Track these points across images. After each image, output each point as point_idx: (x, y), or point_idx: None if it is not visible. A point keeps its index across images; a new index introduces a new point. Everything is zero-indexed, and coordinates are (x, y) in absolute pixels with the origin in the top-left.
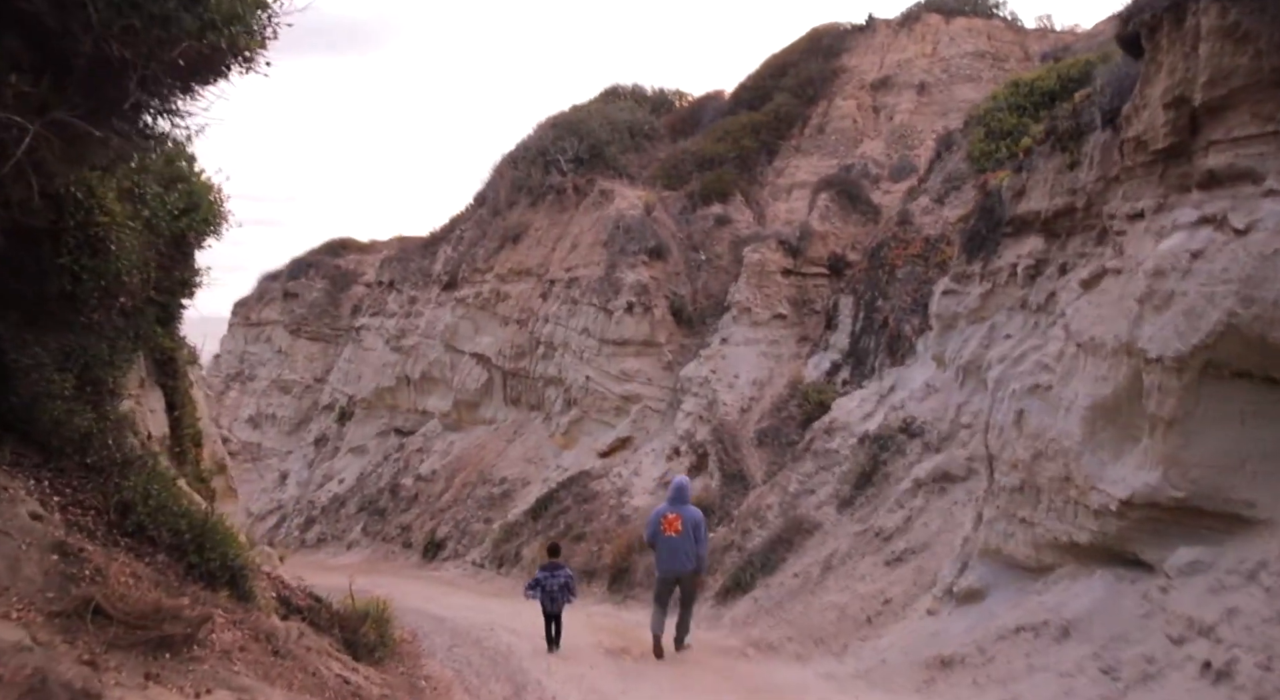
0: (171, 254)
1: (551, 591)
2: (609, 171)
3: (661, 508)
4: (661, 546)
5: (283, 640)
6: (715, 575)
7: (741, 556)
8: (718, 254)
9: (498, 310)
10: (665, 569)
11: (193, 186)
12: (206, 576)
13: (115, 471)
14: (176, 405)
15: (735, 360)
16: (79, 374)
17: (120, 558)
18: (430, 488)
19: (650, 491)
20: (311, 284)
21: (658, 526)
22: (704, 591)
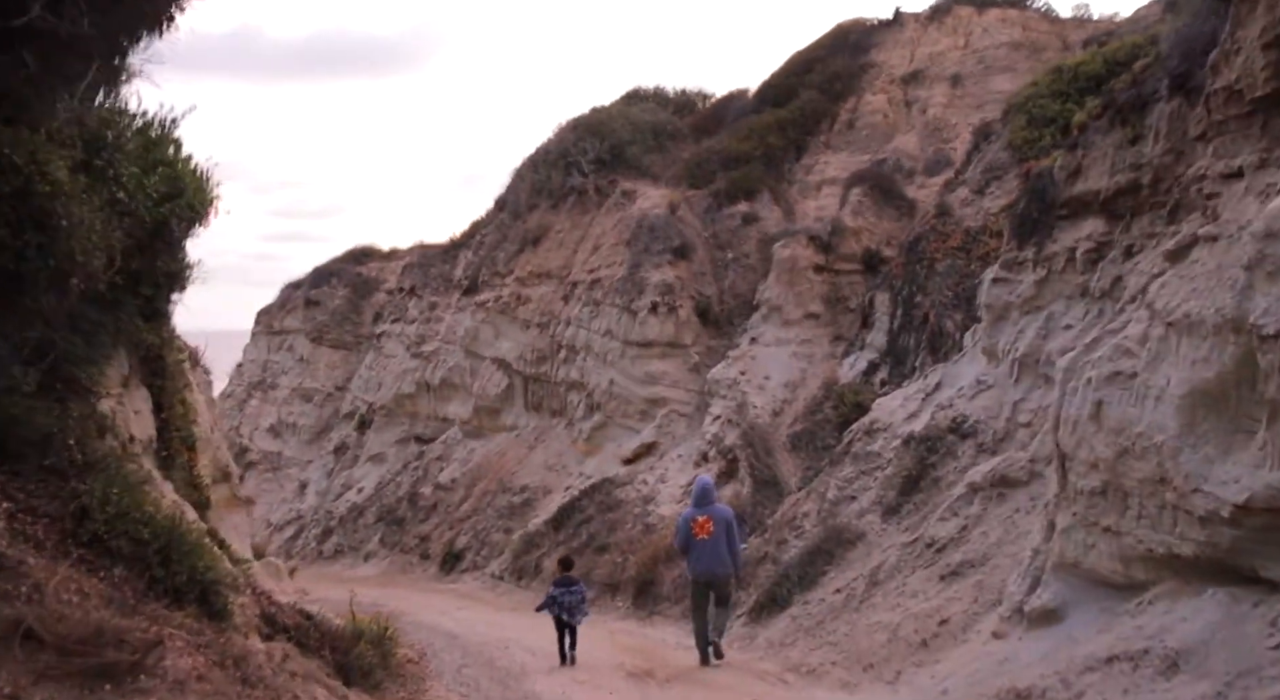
0: (154, 243)
1: (569, 606)
2: (631, 172)
3: (689, 511)
4: (695, 551)
5: (256, 666)
6: (748, 590)
7: (777, 570)
8: (745, 253)
9: (518, 314)
10: (700, 573)
11: (176, 171)
12: (171, 592)
13: (75, 475)
14: (165, 407)
15: (766, 361)
16: (48, 369)
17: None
18: (449, 497)
19: (677, 500)
20: (333, 292)
21: (688, 531)
22: (737, 609)
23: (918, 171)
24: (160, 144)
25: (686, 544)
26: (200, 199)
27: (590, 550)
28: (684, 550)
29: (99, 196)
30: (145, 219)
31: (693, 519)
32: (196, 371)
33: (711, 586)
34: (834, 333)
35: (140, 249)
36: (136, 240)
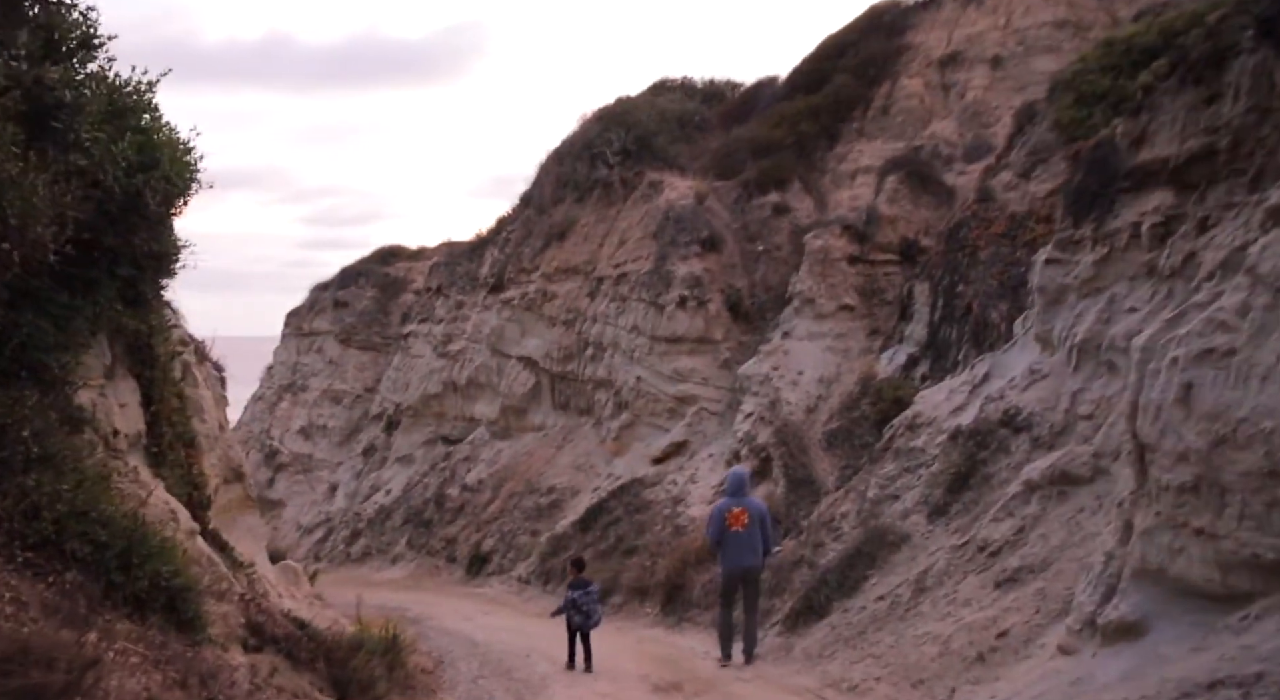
0: (127, 217)
1: (587, 609)
2: (658, 163)
3: (724, 502)
4: (729, 543)
5: (229, 683)
6: (783, 596)
7: (813, 574)
8: (776, 245)
9: (544, 311)
10: (733, 566)
11: (150, 138)
12: (132, 600)
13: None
14: (156, 400)
15: (799, 356)
16: (13, 355)
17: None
18: (476, 498)
19: (708, 500)
20: (361, 292)
21: (723, 523)
22: (771, 616)
23: (956, 158)
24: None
25: (720, 536)
26: (180, 171)
27: (618, 553)
28: (717, 543)
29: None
30: (115, 189)
31: (728, 510)
32: (204, 367)
33: (743, 581)
34: (870, 326)
35: (111, 222)
36: (106, 213)
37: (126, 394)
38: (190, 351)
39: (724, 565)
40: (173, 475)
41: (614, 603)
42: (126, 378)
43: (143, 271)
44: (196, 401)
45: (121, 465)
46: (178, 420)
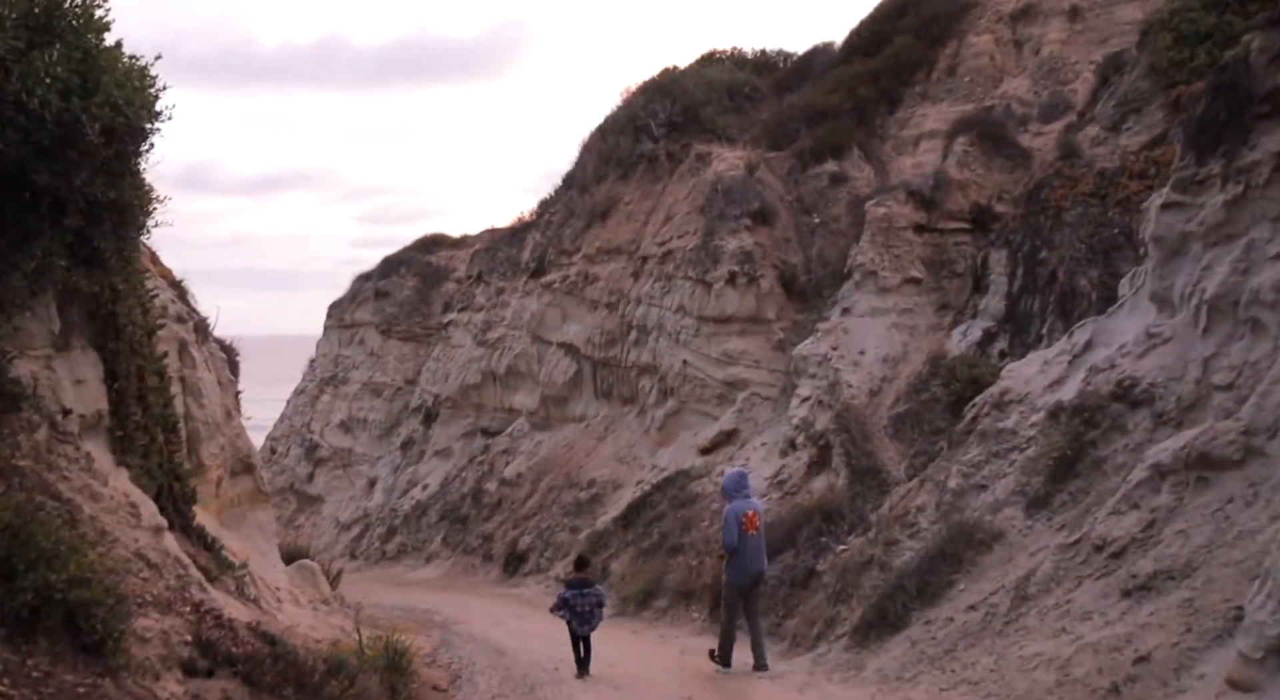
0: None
1: (583, 612)
2: (705, 135)
3: (737, 505)
4: (745, 549)
5: None
6: (849, 603)
7: (887, 578)
8: (833, 217)
9: (586, 294)
10: (746, 574)
11: (89, 56)
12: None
13: None
14: (120, 375)
15: (860, 334)
16: None
17: None
18: (514, 493)
19: (761, 493)
20: (402, 282)
21: (740, 527)
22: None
23: (1032, 118)
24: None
25: (738, 541)
26: (132, 100)
27: (662, 552)
28: (734, 549)
29: None
30: (44, 117)
31: (743, 513)
32: (206, 347)
33: (752, 587)
34: (939, 300)
35: (41, 156)
36: (35, 145)
37: (84, 368)
38: (188, 329)
39: (736, 572)
40: (143, 463)
41: (657, 606)
42: (85, 350)
43: (95, 223)
44: (194, 384)
45: (70, 449)
46: (155, 402)
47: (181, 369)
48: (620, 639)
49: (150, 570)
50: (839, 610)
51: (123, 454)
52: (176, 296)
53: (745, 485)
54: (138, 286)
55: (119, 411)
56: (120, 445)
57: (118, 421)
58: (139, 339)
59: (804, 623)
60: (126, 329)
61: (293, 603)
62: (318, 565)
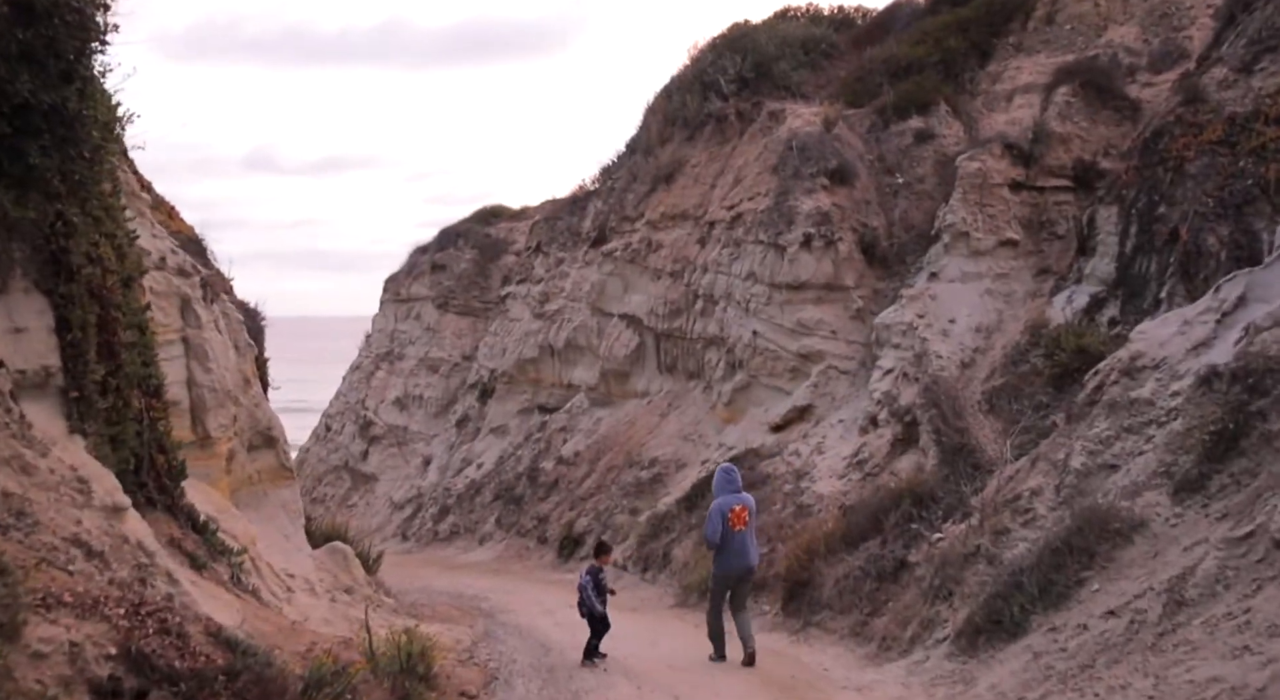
0: None
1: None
2: (779, 92)
3: (724, 500)
4: (731, 544)
5: None
6: (950, 602)
7: (998, 574)
8: (919, 177)
9: (649, 262)
10: (732, 568)
11: None
12: None
13: None
14: (74, 326)
15: (950, 301)
16: None
17: None
18: (572, 472)
19: (839, 474)
20: (460, 254)
21: (725, 523)
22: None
23: (1141, 67)
24: None
25: (724, 537)
26: None
27: None
28: (719, 544)
29: None
30: None
31: (729, 508)
32: (216, 306)
33: (739, 583)
34: (1038, 264)
35: None
36: None
37: (26, 315)
38: (192, 284)
39: (722, 567)
40: (109, 431)
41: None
42: (29, 293)
43: (28, 133)
44: (198, 345)
45: None
46: (129, 360)
47: (184, 328)
48: (680, 634)
49: (89, 560)
50: (938, 609)
51: (79, 419)
52: (178, 247)
53: (734, 481)
54: (105, 222)
55: (74, 368)
56: (76, 409)
57: (72, 380)
58: (109, 285)
59: (895, 622)
60: (83, 271)
61: (307, 592)
62: (350, 548)
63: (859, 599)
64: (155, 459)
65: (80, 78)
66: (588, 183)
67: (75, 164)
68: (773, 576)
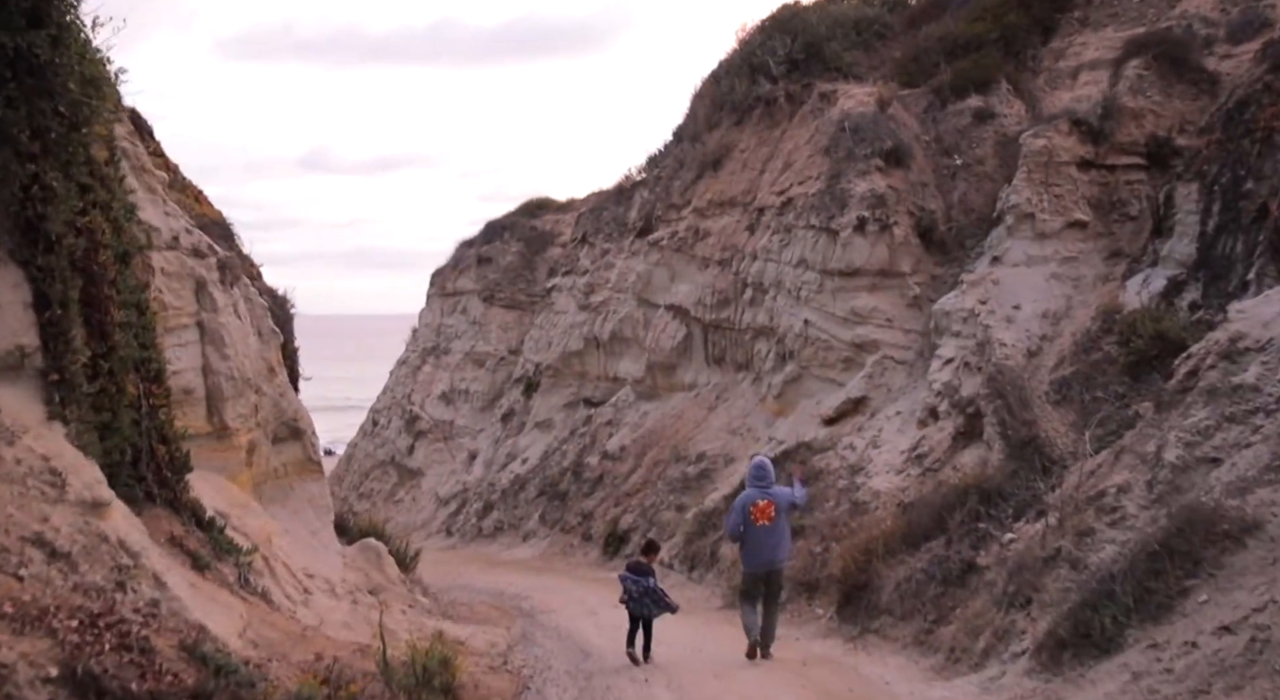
0: None
1: (637, 597)
2: (830, 74)
3: (748, 494)
4: (752, 539)
5: None
6: (1028, 609)
7: (1083, 580)
8: (978, 158)
9: (696, 251)
10: (756, 565)
11: None
12: None
13: None
14: (55, 300)
15: (1014, 286)
16: None
17: None
18: (617, 467)
19: (897, 469)
20: (506, 247)
21: (746, 516)
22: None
23: (1219, 38)
24: None
25: (742, 531)
26: None
27: None
28: (737, 538)
29: None
30: None
31: (752, 502)
32: (235, 289)
33: (767, 579)
34: (1109, 246)
35: None
36: None
37: (1, 289)
38: (208, 266)
39: (749, 562)
40: (98, 419)
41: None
42: (5, 265)
43: None
44: (214, 330)
45: None
46: (123, 341)
47: (199, 312)
48: (728, 638)
49: (50, 563)
50: (1014, 619)
51: (59, 404)
52: (194, 226)
53: (765, 476)
54: (96, 191)
55: (54, 348)
56: (56, 393)
57: (52, 361)
58: (100, 259)
59: (964, 632)
60: (65, 241)
61: (327, 592)
62: (383, 545)
63: (922, 604)
64: (156, 450)
65: (54, 24)
66: (634, 173)
67: (50, 120)
68: (826, 578)
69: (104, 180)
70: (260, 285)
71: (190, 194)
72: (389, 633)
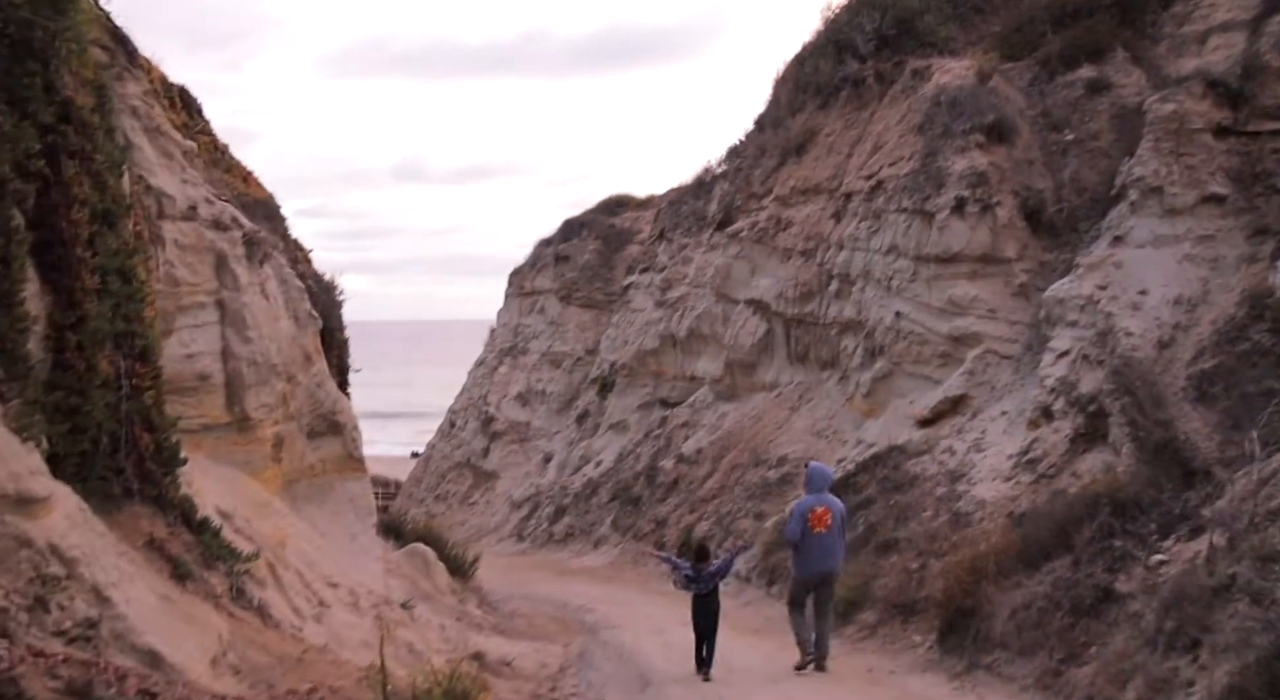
0: None
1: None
2: (923, 50)
3: (806, 500)
4: (808, 546)
5: None
6: (1196, 654)
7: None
8: (1091, 132)
9: (778, 242)
10: (811, 572)
11: None
12: None
13: None
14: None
15: (1139, 269)
16: None
17: None
18: (693, 472)
19: (1005, 476)
20: (584, 245)
21: (805, 524)
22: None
23: None
24: None
25: (800, 538)
26: None
27: (870, 549)
28: (796, 545)
29: None
30: None
31: (810, 509)
32: (266, 267)
33: (819, 587)
34: (1252, 223)
35: None
36: None
37: None
38: (229, 239)
39: (801, 570)
40: (51, 397)
41: (863, 621)
42: None
43: None
44: (234, 311)
45: None
46: (99, 311)
47: (219, 290)
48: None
49: None
50: (1175, 665)
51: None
52: (216, 196)
53: (821, 480)
54: (69, 138)
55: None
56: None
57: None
58: (73, 216)
59: (1106, 677)
60: (11, 185)
61: (350, 606)
62: (431, 551)
63: (1046, 638)
64: (138, 438)
65: None
66: (713, 165)
67: None
68: (924, 600)
69: (84, 128)
70: (305, 269)
71: (238, 174)
72: (413, 656)
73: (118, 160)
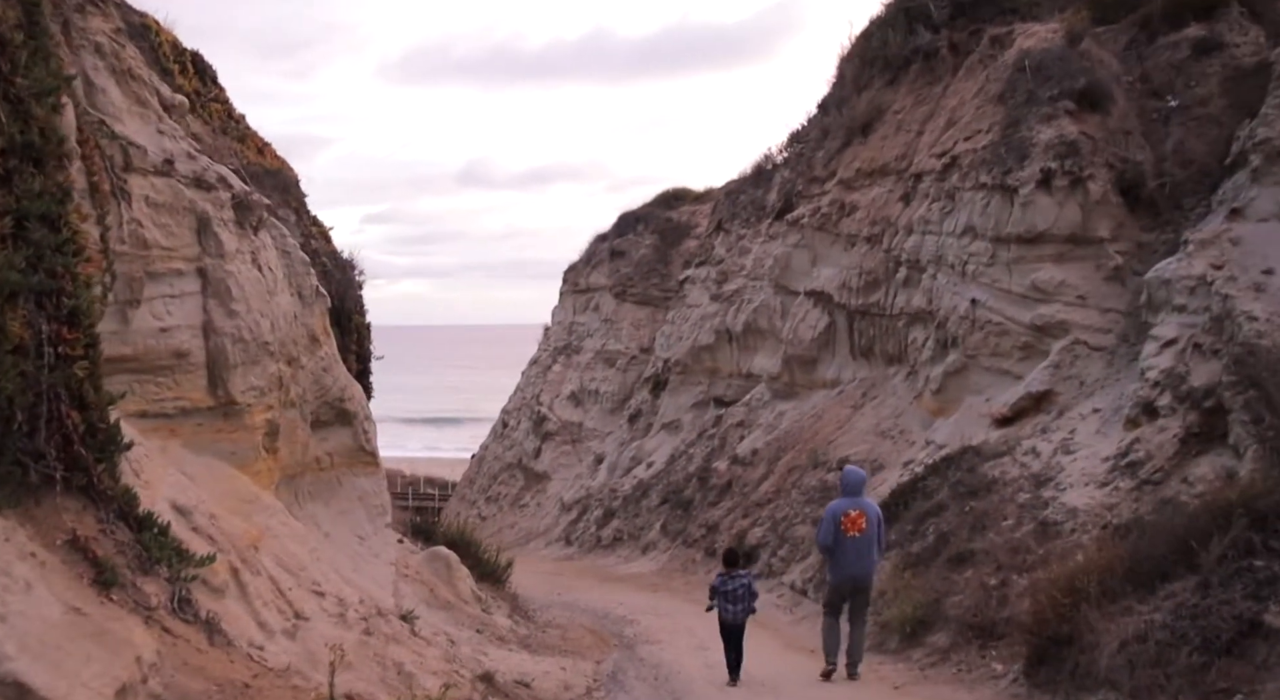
0: None
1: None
2: (1003, 17)
3: (839, 503)
4: (843, 550)
5: None
6: None
7: None
8: (1199, 97)
9: (841, 228)
10: (844, 577)
11: None
12: None
13: None
14: None
15: (1262, 245)
16: None
17: None
18: (748, 474)
19: (1100, 481)
20: (639, 240)
21: (838, 527)
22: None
23: None
24: None
25: (834, 542)
26: None
27: (941, 561)
28: (829, 548)
29: None
30: None
31: (844, 512)
32: (260, 234)
33: (854, 593)
34: None
35: None
36: None
37: None
38: (215, 200)
39: (835, 574)
40: None
41: (934, 644)
42: None
43: None
44: (218, 281)
45: None
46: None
47: (201, 256)
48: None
49: None
50: None
51: None
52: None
53: (857, 483)
54: None
55: None
56: None
57: None
58: None
59: None
60: None
61: (335, 618)
62: (454, 555)
63: (1170, 679)
64: (65, 418)
65: None
66: (774, 152)
67: None
68: (1005, 621)
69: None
70: (322, 246)
71: (253, 143)
72: (401, 678)
73: (49, 88)
